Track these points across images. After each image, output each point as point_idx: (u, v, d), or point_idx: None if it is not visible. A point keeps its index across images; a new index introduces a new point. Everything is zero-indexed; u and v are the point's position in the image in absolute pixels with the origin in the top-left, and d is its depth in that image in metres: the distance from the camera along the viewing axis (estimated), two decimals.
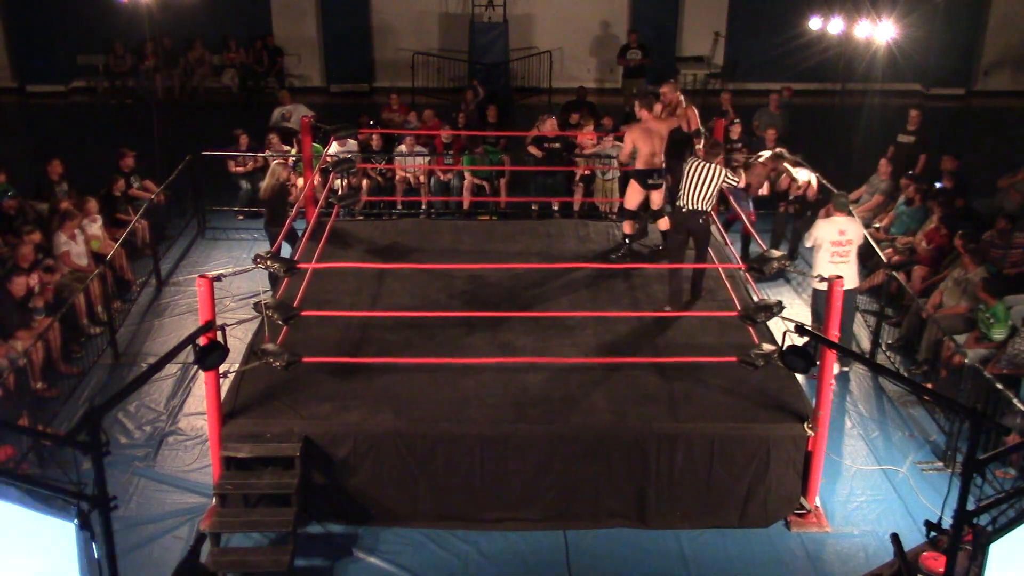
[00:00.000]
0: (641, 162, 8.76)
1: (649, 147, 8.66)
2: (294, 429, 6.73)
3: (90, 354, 8.97)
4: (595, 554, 6.71)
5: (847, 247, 8.42)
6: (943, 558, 4.96)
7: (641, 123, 8.79)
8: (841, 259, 8.36)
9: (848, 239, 8.43)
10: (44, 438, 7.14)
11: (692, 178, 8.05)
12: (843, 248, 8.38)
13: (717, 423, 6.82)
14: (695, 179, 8.04)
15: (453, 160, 12.54)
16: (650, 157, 8.69)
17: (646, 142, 8.67)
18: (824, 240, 8.43)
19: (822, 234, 8.47)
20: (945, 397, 6.02)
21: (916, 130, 12.44)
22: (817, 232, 8.48)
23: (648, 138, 8.66)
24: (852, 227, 8.51)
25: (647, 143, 8.67)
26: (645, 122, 8.77)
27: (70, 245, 9.72)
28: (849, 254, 8.46)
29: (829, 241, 8.39)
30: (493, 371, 7.30)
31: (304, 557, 6.63)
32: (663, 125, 8.77)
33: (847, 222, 8.49)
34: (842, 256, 8.39)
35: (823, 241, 8.44)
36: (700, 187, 8.04)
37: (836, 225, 8.43)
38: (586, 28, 18.98)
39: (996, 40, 18.66)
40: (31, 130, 16.96)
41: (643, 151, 8.71)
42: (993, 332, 8.25)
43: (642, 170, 8.78)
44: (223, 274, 7.09)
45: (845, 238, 8.40)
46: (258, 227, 11.63)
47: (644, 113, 8.80)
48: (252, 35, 18.37)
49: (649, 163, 8.72)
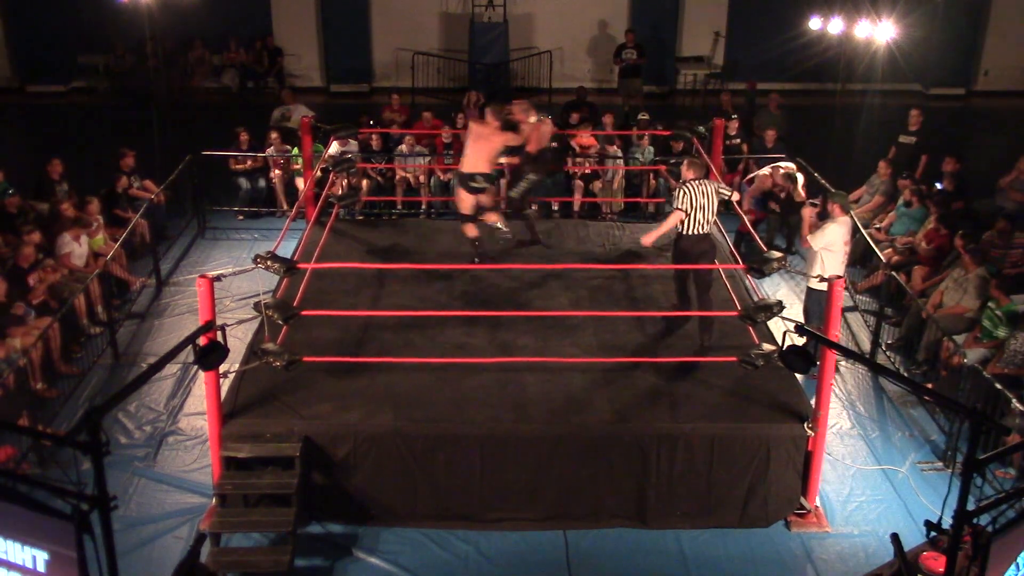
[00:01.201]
0: (467, 165, 8.79)
1: (475, 152, 8.71)
2: (294, 429, 6.73)
3: (90, 354, 8.97)
4: (595, 554, 6.72)
5: (847, 247, 8.43)
6: (943, 558, 4.96)
7: (475, 127, 8.87)
8: (847, 258, 8.35)
9: (848, 240, 8.43)
10: (44, 438, 7.13)
11: (695, 200, 7.66)
12: (849, 247, 8.38)
13: (717, 423, 6.82)
14: (698, 201, 7.67)
15: (454, 160, 12.53)
16: (475, 162, 8.72)
17: (473, 147, 8.72)
18: (838, 242, 8.33)
19: (836, 237, 8.34)
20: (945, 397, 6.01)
21: (917, 130, 12.42)
22: (831, 235, 8.32)
23: (476, 143, 8.71)
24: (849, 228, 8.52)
25: (474, 148, 8.71)
26: (476, 128, 8.84)
27: (72, 246, 9.73)
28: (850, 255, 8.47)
29: (843, 242, 8.32)
30: (493, 371, 7.30)
31: (304, 557, 6.63)
32: (496, 137, 8.74)
33: (849, 222, 8.49)
34: (848, 256, 8.37)
35: (838, 243, 8.34)
36: (705, 208, 7.71)
37: (846, 227, 8.37)
38: (586, 28, 18.98)
39: (996, 40, 18.66)
40: (31, 130, 16.97)
41: (469, 155, 8.76)
42: (999, 330, 8.25)
43: (466, 174, 8.81)
44: (223, 274, 7.09)
45: (847, 239, 8.41)
46: (258, 227, 11.64)
47: (473, 123, 8.98)
48: (252, 35, 18.38)
49: (473, 167, 8.75)
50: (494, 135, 8.75)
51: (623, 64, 16.80)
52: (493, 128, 8.77)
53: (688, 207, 7.62)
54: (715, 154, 10.55)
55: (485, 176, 8.81)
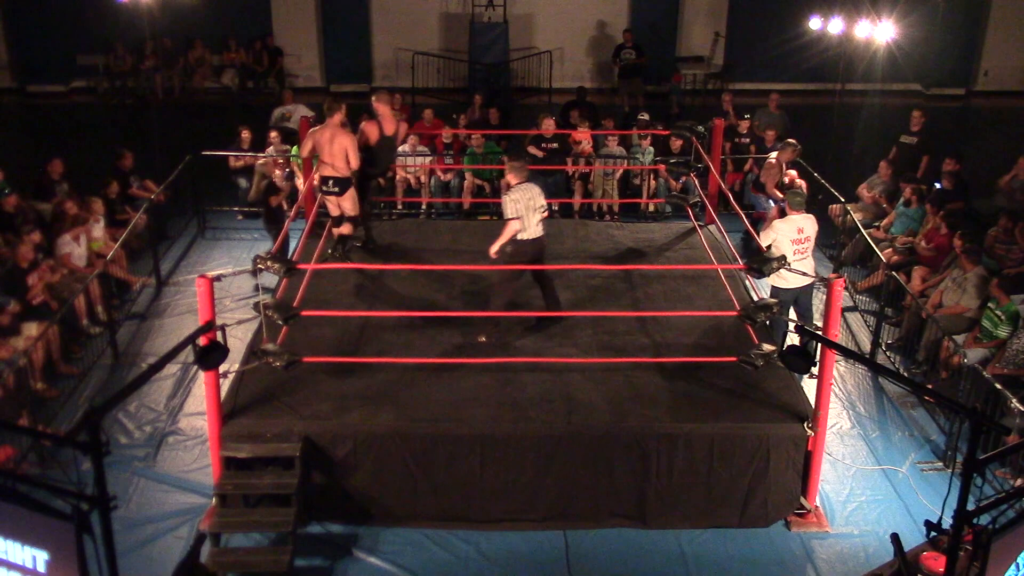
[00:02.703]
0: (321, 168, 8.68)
1: (325, 155, 8.56)
2: (294, 429, 6.73)
3: (90, 354, 8.97)
4: (595, 554, 6.72)
5: (805, 244, 8.46)
6: (943, 558, 4.96)
7: (321, 128, 8.64)
8: (801, 256, 8.39)
9: (806, 236, 8.46)
10: (44, 438, 7.14)
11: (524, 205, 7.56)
12: (802, 245, 8.42)
13: (717, 423, 6.82)
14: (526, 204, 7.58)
15: (454, 160, 12.54)
16: (325, 166, 8.63)
17: (322, 149, 8.56)
18: (785, 239, 8.42)
19: (781, 234, 8.45)
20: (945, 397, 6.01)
21: (919, 131, 12.42)
22: (775, 232, 8.44)
23: (324, 145, 8.53)
24: (808, 224, 8.53)
25: (322, 150, 8.56)
26: (322, 128, 8.60)
27: (72, 247, 9.73)
28: (807, 250, 8.49)
29: (789, 240, 8.41)
30: (493, 371, 7.30)
31: (304, 557, 6.63)
32: (342, 136, 8.50)
33: (803, 219, 8.51)
34: (802, 253, 8.42)
35: (783, 240, 8.42)
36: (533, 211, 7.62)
37: (794, 224, 8.44)
38: (586, 28, 18.99)
39: (996, 40, 18.67)
40: (31, 130, 16.96)
41: (322, 157, 8.63)
42: (999, 330, 8.26)
43: (322, 176, 8.73)
44: (223, 274, 7.09)
45: (804, 235, 8.43)
46: (258, 227, 11.63)
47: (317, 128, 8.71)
48: (252, 35, 18.38)
49: (321, 171, 8.66)
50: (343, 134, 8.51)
51: (622, 64, 16.80)
52: (339, 125, 8.54)
53: (519, 214, 7.57)
54: (715, 154, 10.55)
55: (335, 180, 8.62)
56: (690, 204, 10.39)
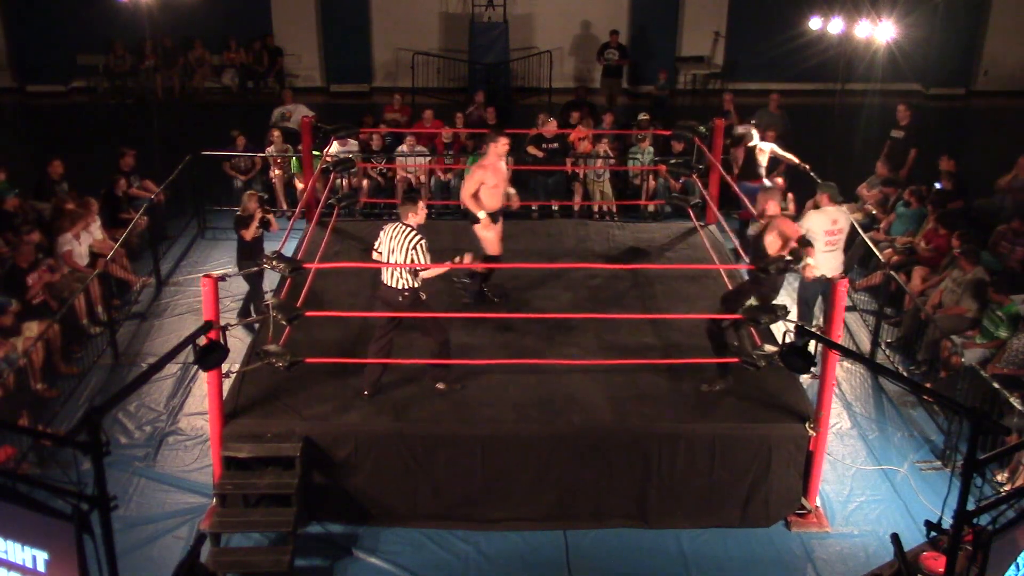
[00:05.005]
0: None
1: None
2: (295, 429, 6.73)
3: (90, 354, 8.97)
4: (595, 554, 6.71)
5: (838, 236, 8.48)
6: (943, 558, 4.96)
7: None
8: (832, 248, 8.42)
9: (840, 228, 8.48)
10: (44, 438, 7.13)
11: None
12: (835, 237, 8.44)
13: (718, 423, 6.82)
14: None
15: (454, 160, 12.53)
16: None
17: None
18: (819, 230, 8.43)
19: (815, 225, 8.46)
20: (945, 397, 6.01)
21: (907, 125, 12.48)
22: (809, 223, 8.45)
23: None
24: (843, 217, 8.56)
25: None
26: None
27: (73, 245, 9.73)
28: (839, 243, 8.51)
29: (823, 231, 8.42)
30: (494, 371, 7.30)
31: (304, 557, 6.63)
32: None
33: (838, 212, 8.53)
34: (833, 245, 8.44)
35: (817, 231, 8.43)
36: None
37: (828, 215, 8.46)
38: (586, 28, 18.98)
39: (996, 40, 18.65)
40: (31, 130, 16.95)
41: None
42: (1000, 331, 8.26)
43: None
44: (227, 274, 7.09)
45: (837, 227, 8.46)
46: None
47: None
48: (252, 35, 18.37)
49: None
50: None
51: (605, 63, 16.90)
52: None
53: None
54: (715, 154, 10.54)
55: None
56: (691, 205, 10.40)
